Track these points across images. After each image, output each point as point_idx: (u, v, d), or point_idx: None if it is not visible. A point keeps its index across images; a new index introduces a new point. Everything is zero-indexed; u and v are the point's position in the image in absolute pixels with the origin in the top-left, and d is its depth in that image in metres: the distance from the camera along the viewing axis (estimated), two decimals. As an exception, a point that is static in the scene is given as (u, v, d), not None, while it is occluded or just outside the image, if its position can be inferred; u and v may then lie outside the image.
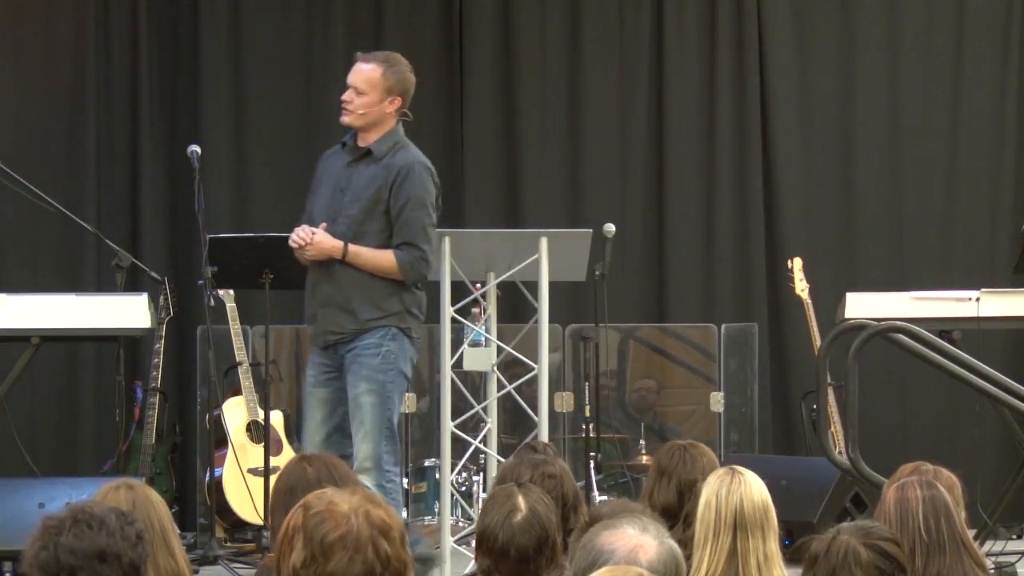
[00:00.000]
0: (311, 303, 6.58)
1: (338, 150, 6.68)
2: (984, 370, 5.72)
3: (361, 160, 6.57)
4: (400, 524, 3.05)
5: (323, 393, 6.54)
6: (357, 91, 6.55)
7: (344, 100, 6.56)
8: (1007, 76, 9.83)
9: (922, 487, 4.05)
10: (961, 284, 8.29)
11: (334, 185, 6.57)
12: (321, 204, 6.57)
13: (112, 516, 3.04)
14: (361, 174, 6.55)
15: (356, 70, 6.60)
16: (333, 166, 6.64)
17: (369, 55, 6.66)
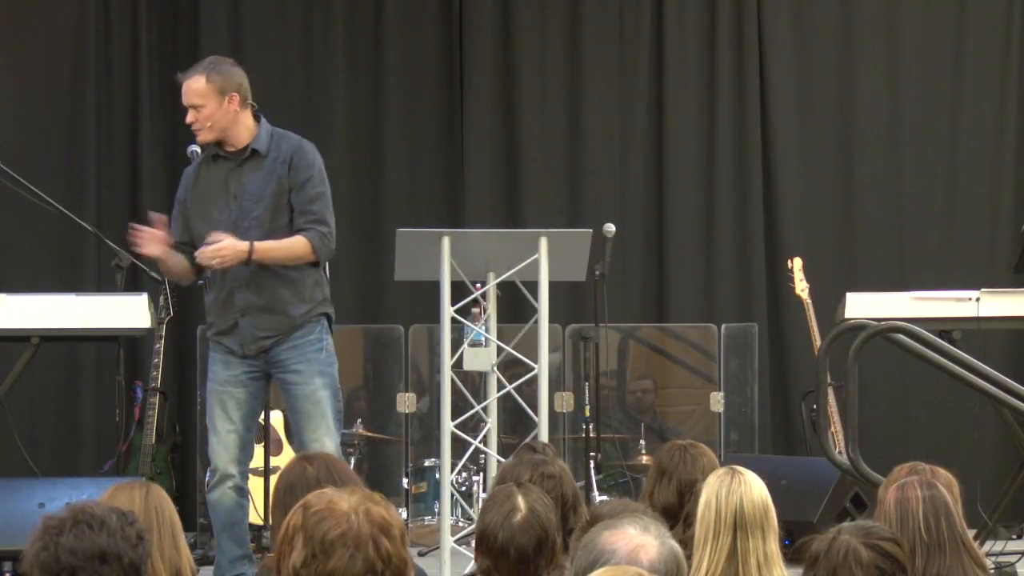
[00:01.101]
0: (226, 314, 6.40)
1: (205, 163, 6.52)
2: (984, 370, 5.72)
3: (246, 162, 6.47)
4: (400, 522, 3.05)
5: (242, 394, 6.41)
6: (196, 108, 6.44)
7: (189, 123, 6.45)
8: (1007, 76, 9.83)
9: (922, 487, 4.05)
10: (961, 284, 8.28)
11: (224, 195, 6.43)
12: (216, 217, 6.38)
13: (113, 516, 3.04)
14: (252, 175, 6.45)
15: (184, 91, 6.49)
16: (211, 179, 6.47)
17: (189, 71, 6.55)
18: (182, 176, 6.63)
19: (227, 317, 6.42)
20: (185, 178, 6.59)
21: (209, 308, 6.52)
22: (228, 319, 6.42)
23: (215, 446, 6.37)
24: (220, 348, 6.45)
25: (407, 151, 9.73)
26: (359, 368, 9.49)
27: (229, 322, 6.42)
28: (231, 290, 6.40)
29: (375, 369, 9.41)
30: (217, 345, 6.46)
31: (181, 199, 6.56)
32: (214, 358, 6.47)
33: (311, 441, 6.35)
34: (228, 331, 6.42)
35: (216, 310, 6.46)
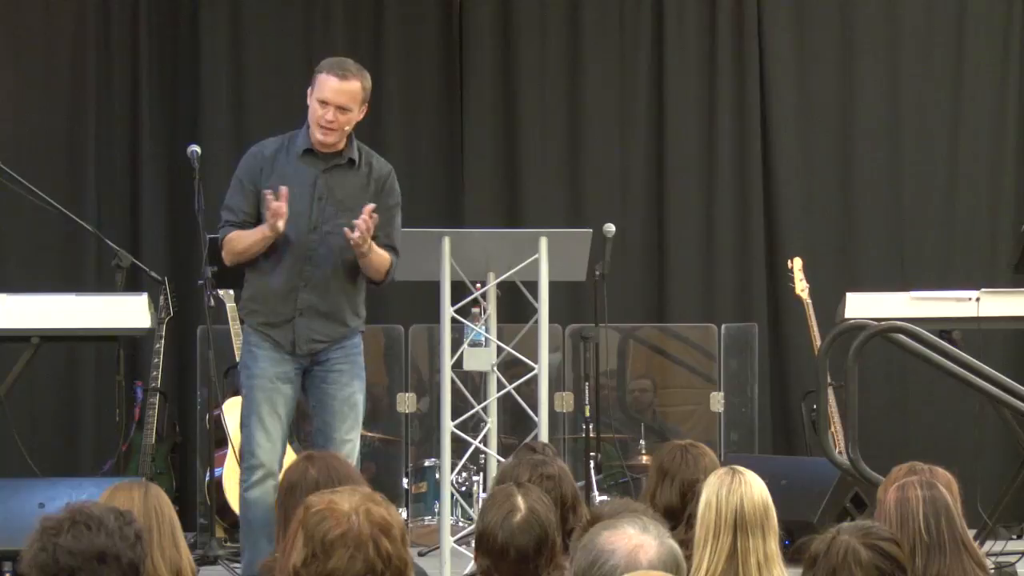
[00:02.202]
0: (281, 308, 6.31)
1: (285, 152, 6.39)
2: (984, 370, 5.72)
3: (338, 168, 6.40)
4: (401, 522, 3.05)
5: (290, 391, 6.36)
6: (343, 110, 6.33)
7: (330, 121, 6.30)
8: (1007, 76, 9.83)
9: (922, 487, 4.05)
10: (961, 284, 8.29)
11: (310, 193, 6.32)
12: (295, 211, 6.25)
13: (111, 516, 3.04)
14: (343, 183, 6.38)
15: (339, 89, 6.33)
16: (296, 172, 6.34)
17: (343, 71, 6.38)
18: (247, 158, 6.44)
19: (282, 311, 6.33)
20: (256, 160, 6.39)
21: (257, 296, 6.37)
22: (283, 314, 6.33)
23: (263, 442, 6.24)
24: (267, 341, 6.33)
25: (407, 151, 9.72)
26: (359, 368, 9.48)
27: (283, 317, 6.33)
28: (295, 287, 6.32)
29: (375, 369, 9.40)
30: (263, 337, 6.34)
31: (250, 181, 6.36)
32: (257, 353, 6.33)
33: (343, 441, 6.36)
34: (279, 325, 6.34)
35: (271, 301, 6.34)
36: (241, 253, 6.35)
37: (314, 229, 6.31)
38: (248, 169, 6.40)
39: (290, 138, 6.44)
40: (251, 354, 6.36)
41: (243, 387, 6.42)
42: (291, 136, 6.45)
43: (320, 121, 6.31)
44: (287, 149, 6.40)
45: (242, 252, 6.35)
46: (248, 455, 6.29)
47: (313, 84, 6.39)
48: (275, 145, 6.44)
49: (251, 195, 6.35)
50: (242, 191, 6.38)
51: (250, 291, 6.43)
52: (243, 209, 6.35)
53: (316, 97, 6.33)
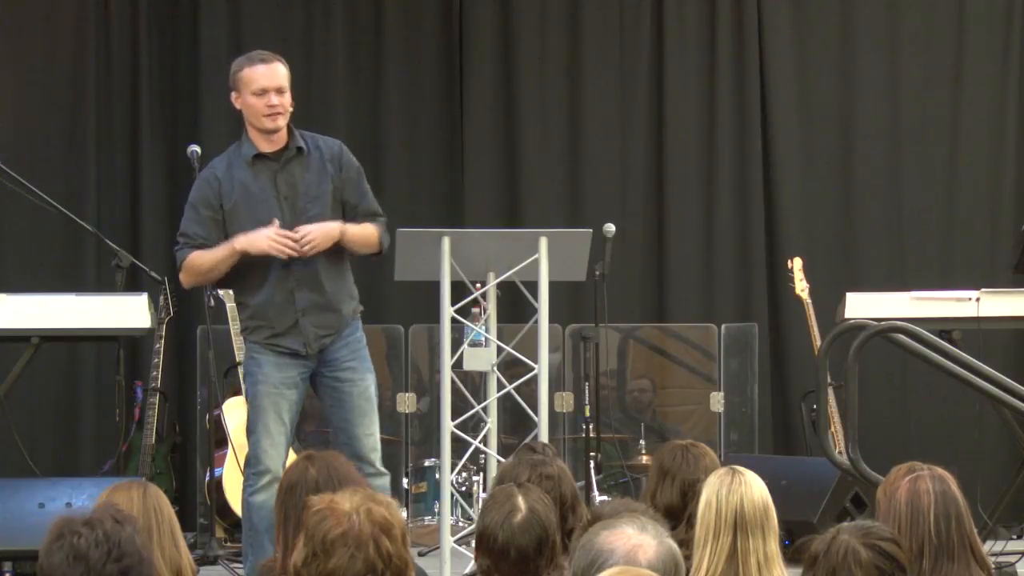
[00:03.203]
0: (284, 315, 6.33)
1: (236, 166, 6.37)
2: (984, 370, 5.72)
3: (292, 161, 6.39)
4: (401, 522, 3.06)
5: (294, 396, 6.38)
6: (281, 92, 6.33)
7: (274, 104, 6.29)
8: (1007, 76, 9.83)
9: (934, 481, 4.03)
10: (961, 284, 8.29)
11: (273, 196, 6.33)
12: (266, 220, 6.28)
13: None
14: (303, 174, 6.38)
15: (271, 72, 6.33)
16: (254, 181, 6.33)
17: (262, 57, 6.38)
18: (199, 183, 6.44)
19: (286, 318, 6.34)
20: (209, 184, 6.38)
21: (258, 312, 6.37)
22: (287, 320, 6.34)
23: (267, 448, 6.26)
24: (272, 350, 6.35)
25: (407, 151, 9.72)
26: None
27: (288, 323, 6.35)
28: (291, 290, 6.34)
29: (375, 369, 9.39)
30: (268, 347, 6.35)
31: (206, 207, 6.34)
32: (261, 360, 6.34)
33: (366, 436, 6.37)
34: (287, 332, 6.35)
35: (272, 312, 6.35)
36: (207, 272, 6.39)
37: (291, 229, 6.30)
38: (202, 196, 6.40)
39: (234, 151, 6.45)
40: (254, 361, 6.37)
41: (248, 394, 6.44)
42: (233, 149, 6.46)
43: (264, 110, 6.31)
44: (234, 162, 6.40)
45: (208, 271, 6.38)
46: (254, 460, 6.31)
47: (236, 86, 6.39)
48: (223, 163, 6.44)
49: (207, 220, 6.35)
50: (197, 217, 6.37)
51: (248, 310, 6.42)
52: (200, 235, 6.36)
53: (250, 91, 6.33)
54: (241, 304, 6.47)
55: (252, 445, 6.33)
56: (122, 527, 2.99)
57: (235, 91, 6.40)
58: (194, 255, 6.35)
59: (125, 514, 3.06)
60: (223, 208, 6.33)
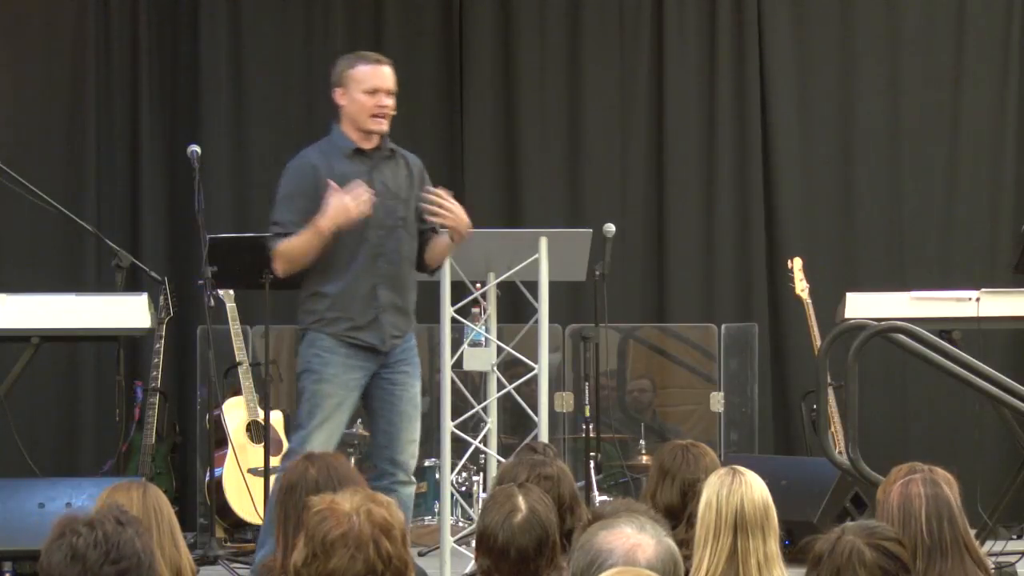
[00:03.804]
0: (366, 309, 6.28)
1: (334, 157, 6.34)
2: (984, 370, 5.72)
3: (385, 161, 6.40)
4: (402, 523, 3.06)
5: (355, 399, 6.34)
6: (391, 94, 6.35)
7: (384, 106, 6.31)
8: (1007, 76, 9.83)
9: (926, 485, 4.05)
10: (961, 284, 8.29)
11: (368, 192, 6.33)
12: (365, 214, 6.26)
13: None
14: (393, 175, 6.40)
15: (386, 75, 6.36)
16: (351, 174, 6.28)
17: (378, 59, 6.40)
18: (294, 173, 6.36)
19: (367, 312, 6.30)
20: (305, 173, 6.33)
21: (338, 303, 6.29)
22: (368, 314, 6.30)
23: (322, 444, 6.14)
24: (344, 345, 6.28)
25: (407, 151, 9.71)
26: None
27: (369, 317, 6.30)
28: (374, 285, 6.30)
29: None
30: (341, 342, 6.28)
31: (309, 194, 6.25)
32: (329, 358, 6.27)
33: (408, 442, 6.34)
34: (366, 326, 6.30)
35: (356, 304, 6.28)
36: (299, 258, 6.28)
37: (380, 226, 6.30)
38: (298, 185, 6.33)
39: (326, 143, 6.41)
40: (321, 359, 6.28)
41: (306, 389, 6.30)
42: (324, 142, 6.42)
43: (373, 110, 6.30)
44: (330, 153, 6.36)
45: (299, 257, 6.27)
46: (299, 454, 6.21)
47: (344, 82, 6.34)
48: (315, 154, 6.38)
49: (303, 209, 6.27)
50: (292, 206, 6.30)
51: (326, 300, 6.31)
52: (293, 223, 6.28)
53: (361, 90, 6.31)
54: (318, 294, 6.33)
55: (299, 440, 6.21)
56: (123, 529, 2.99)
57: (340, 87, 6.35)
58: (284, 243, 6.27)
59: (130, 516, 3.05)
60: (319, 197, 6.24)
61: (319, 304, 6.32)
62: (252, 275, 7.72)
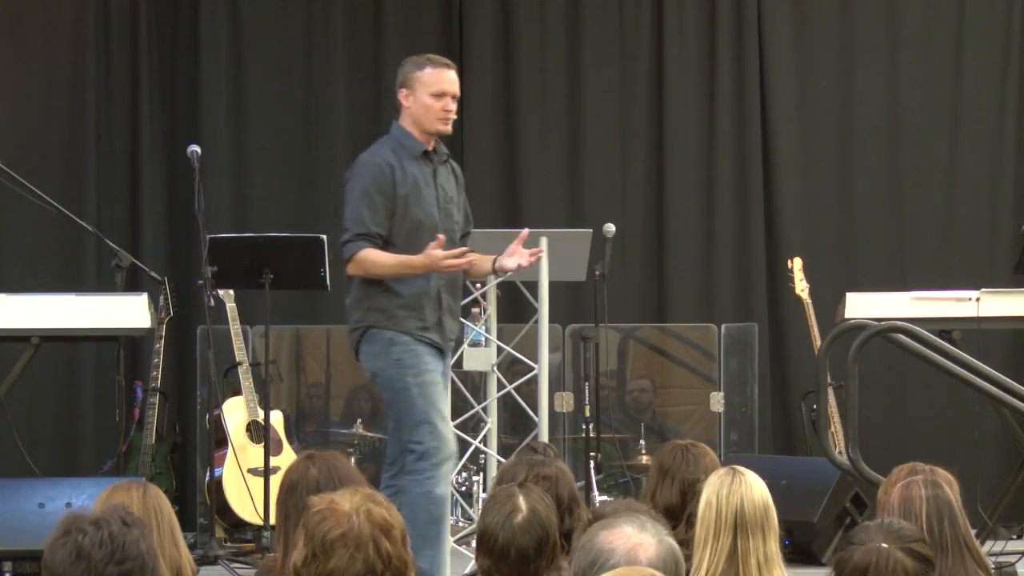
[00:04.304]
0: (432, 311, 6.32)
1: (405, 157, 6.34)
2: (984, 370, 5.72)
3: (441, 165, 6.44)
4: (402, 523, 3.05)
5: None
6: (455, 98, 6.37)
7: (450, 110, 6.34)
8: (1007, 76, 9.83)
9: (926, 487, 4.05)
10: (961, 284, 8.28)
11: (433, 194, 6.36)
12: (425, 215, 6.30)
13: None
14: (447, 180, 6.46)
15: (454, 78, 6.38)
16: (420, 175, 6.34)
17: (446, 62, 6.42)
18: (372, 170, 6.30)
19: (434, 314, 6.33)
20: (383, 172, 6.30)
21: (410, 303, 6.28)
22: (434, 316, 6.33)
23: (447, 434, 6.18)
24: (423, 342, 6.30)
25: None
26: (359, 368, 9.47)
27: (435, 318, 6.33)
28: (439, 288, 6.34)
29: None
30: (418, 340, 6.29)
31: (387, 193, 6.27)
32: (420, 351, 6.27)
33: None
34: (433, 327, 6.33)
35: (426, 305, 6.30)
36: (380, 275, 6.27)
37: (442, 229, 6.31)
38: (377, 183, 6.28)
39: (393, 143, 6.39)
40: (413, 352, 6.28)
41: (409, 386, 6.27)
42: (391, 142, 6.40)
43: (440, 113, 6.33)
44: (401, 153, 6.35)
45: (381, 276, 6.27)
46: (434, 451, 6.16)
47: (411, 84, 6.35)
48: (386, 152, 6.36)
49: (382, 209, 6.27)
50: (373, 205, 6.26)
51: (398, 300, 6.30)
52: (376, 226, 6.25)
53: (429, 92, 6.32)
54: (390, 292, 6.30)
55: (429, 435, 6.16)
56: (129, 530, 2.99)
57: (406, 88, 6.36)
58: (369, 254, 6.23)
59: (135, 518, 3.05)
60: (396, 196, 6.28)
61: (389, 302, 6.30)
62: (252, 275, 7.73)
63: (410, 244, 6.24)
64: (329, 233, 8.07)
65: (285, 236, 8.02)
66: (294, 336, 9.36)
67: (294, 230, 8.52)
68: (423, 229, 6.24)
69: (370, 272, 6.25)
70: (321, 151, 9.68)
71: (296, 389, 9.38)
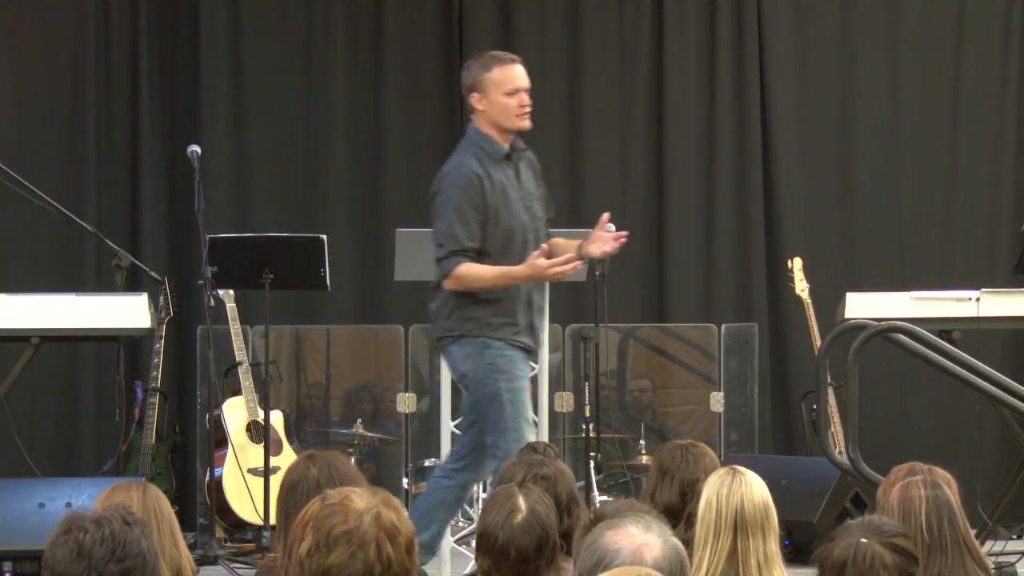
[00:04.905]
0: (526, 313, 6.36)
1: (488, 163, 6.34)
2: (984, 370, 5.72)
3: (520, 163, 6.44)
4: (411, 531, 3.06)
5: None
6: (528, 91, 6.38)
7: (526, 104, 6.34)
8: (1007, 76, 9.83)
9: (926, 487, 4.06)
10: (961, 284, 8.28)
11: (519, 196, 6.36)
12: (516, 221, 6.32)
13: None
14: (528, 176, 6.45)
15: (523, 71, 6.38)
16: (505, 179, 6.35)
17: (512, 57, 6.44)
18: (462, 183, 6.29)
19: (525, 316, 6.37)
20: (472, 184, 6.28)
21: (505, 309, 6.31)
22: (526, 318, 6.37)
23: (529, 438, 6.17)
24: (514, 345, 6.32)
25: (407, 151, 9.72)
26: (359, 368, 9.49)
27: (526, 321, 6.37)
28: (529, 291, 6.37)
29: (375, 369, 9.41)
30: (509, 343, 6.31)
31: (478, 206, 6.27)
32: (513, 357, 6.30)
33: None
34: (525, 330, 6.37)
35: (520, 309, 6.34)
36: (481, 288, 6.29)
37: (530, 229, 6.35)
38: (468, 197, 6.28)
39: (475, 148, 6.39)
40: (506, 358, 6.30)
41: (502, 391, 6.28)
42: (472, 147, 6.39)
43: (517, 110, 6.33)
44: (484, 160, 6.35)
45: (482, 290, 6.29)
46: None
47: (481, 87, 6.36)
48: (473, 161, 6.35)
49: (476, 223, 6.27)
50: (466, 220, 6.26)
51: (495, 307, 6.33)
52: (472, 242, 6.26)
53: (502, 92, 6.33)
54: (484, 302, 6.33)
55: (513, 443, 6.12)
56: (130, 528, 2.99)
57: (477, 92, 6.37)
58: (469, 269, 6.24)
59: (136, 517, 3.05)
60: (487, 207, 6.28)
61: (483, 311, 6.32)
62: (252, 275, 7.73)
63: (504, 253, 6.27)
64: (329, 233, 8.08)
65: (285, 236, 8.03)
66: (294, 336, 9.36)
67: (294, 230, 8.53)
68: (515, 236, 6.29)
69: (471, 287, 6.27)
70: (321, 151, 9.67)
71: (296, 389, 9.38)
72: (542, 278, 6.22)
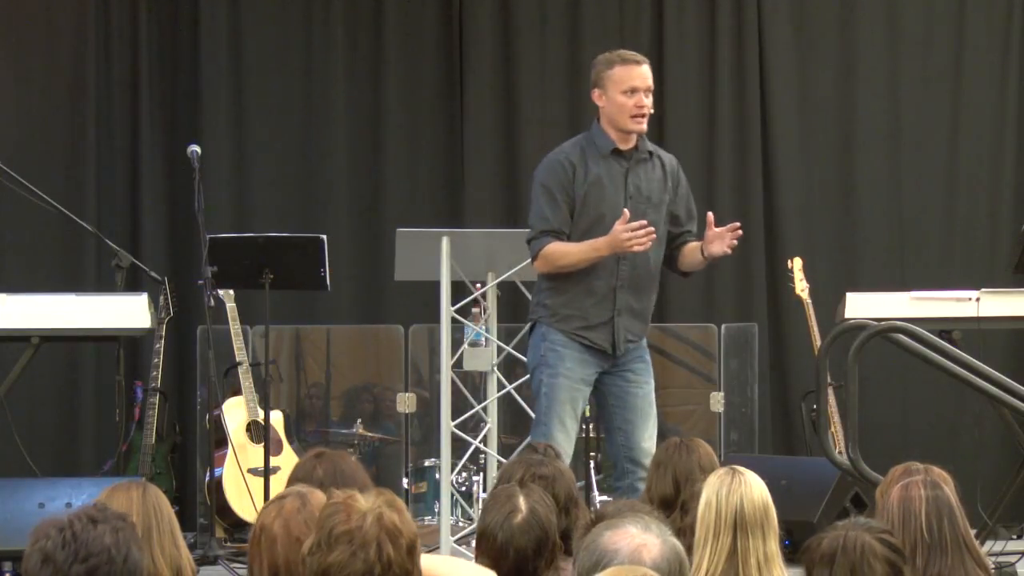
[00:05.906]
0: (600, 310, 6.34)
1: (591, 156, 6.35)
2: (984, 370, 5.72)
3: (639, 164, 6.41)
4: (413, 533, 3.06)
5: (586, 394, 6.37)
6: (649, 92, 6.37)
7: (643, 106, 6.34)
8: (1007, 76, 9.83)
9: (926, 487, 4.06)
10: (961, 284, 8.29)
11: (621, 193, 6.34)
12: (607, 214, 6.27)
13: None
14: (648, 178, 6.42)
15: (645, 73, 6.38)
16: (607, 172, 6.34)
17: (636, 57, 6.42)
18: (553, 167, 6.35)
19: (602, 313, 6.34)
20: (564, 169, 6.34)
21: (572, 301, 6.32)
22: (602, 315, 6.34)
23: (563, 443, 6.14)
24: (576, 343, 6.32)
25: (407, 151, 9.72)
26: (359, 368, 9.49)
27: (603, 318, 6.34)
28: (614, 288, 6.35)
29: (374, 369, 9.41)
30: (573, 340, 6.31)
31: (561, 190, 6.31)
32: (564, 352, 6.30)
33: (648, 439, 6.40)
34: (598, 327, 6.34)
35: (591, 304, 6.33)
36: (568, 266, 6.30)
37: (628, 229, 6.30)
38: (558, 180, 6.33)
39: (585, 141, 6.42)
40: (556, 353, 6.30)
41: (543, 385, 6.30)
42: (584, 139, 6.43)
43: (632, 110, 6.33)
44: (588, 152, 6.38)
45: (570, 265, 6.30)
46: None
47: (602, 83, 6.36)
48: (575, 151, 6.39)
49: (563, 205, 6.31)
50: (554, 203, 6.31)
51: (561, 297, 6.34)
52: (559, 222, 6.29)
53: (620, 89, 6.33)
54: (554, 288, 6.36)
55: (544, 437, 6.12)
56: (93, 527, 3.00)
57: (599, 88, 6.37)
58: (555, 247, 6.28)
59: (108, 513, 3.05)
60: (575, 194, 6.31)
61: (555, 299, 6.35)
62: (252, 275, 7.73)
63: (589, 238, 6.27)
64: (329, 233, 8.08)
65: (285, 236, 8.03)
66: (294, 336, 9.36)
67: (294, 230, 8.53)
68: (604, 223, 6.25)
69: (559, 264, 6.29)
70: (321, 151, 9.68)
71: (296, 389, 9.38)
72: (618, 246, 6.17)
